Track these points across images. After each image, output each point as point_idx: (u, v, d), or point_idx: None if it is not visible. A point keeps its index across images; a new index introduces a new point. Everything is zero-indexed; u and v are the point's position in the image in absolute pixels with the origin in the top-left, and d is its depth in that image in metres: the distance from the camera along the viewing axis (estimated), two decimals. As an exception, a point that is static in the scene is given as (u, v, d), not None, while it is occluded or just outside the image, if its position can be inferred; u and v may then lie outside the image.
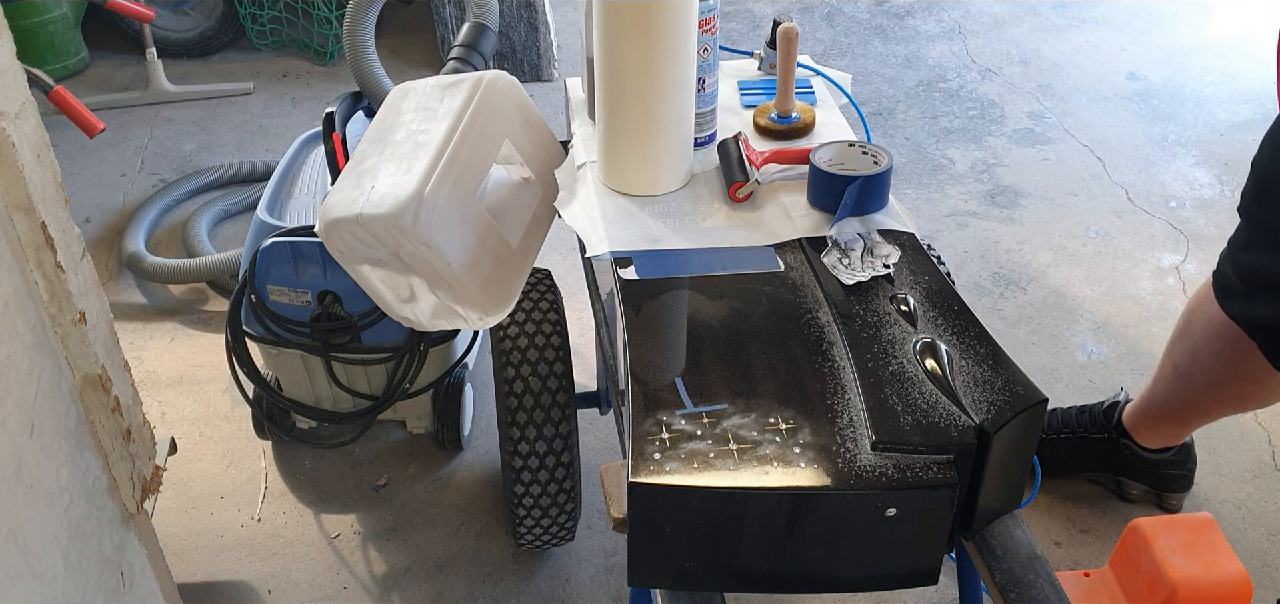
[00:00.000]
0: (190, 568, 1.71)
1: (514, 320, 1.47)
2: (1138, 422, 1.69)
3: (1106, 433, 1.73)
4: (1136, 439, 1.70)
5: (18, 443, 1.03)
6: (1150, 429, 1.68)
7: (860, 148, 1.27)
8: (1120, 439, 1.71)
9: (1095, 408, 1.75)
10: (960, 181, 2.74)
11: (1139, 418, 1.69)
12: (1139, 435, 1.69)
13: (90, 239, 2.59)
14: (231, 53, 3.67)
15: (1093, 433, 1.74)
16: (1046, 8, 3.77)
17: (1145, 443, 1.69)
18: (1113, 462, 1.73)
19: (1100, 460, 1.74)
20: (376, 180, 1.28)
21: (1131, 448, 1.70)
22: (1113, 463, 1.73)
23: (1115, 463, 1.73)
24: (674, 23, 1.20)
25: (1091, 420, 1.74)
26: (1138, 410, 1.69)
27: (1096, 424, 1.74)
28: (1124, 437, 1.71)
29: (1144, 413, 1.68)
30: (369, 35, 1.81)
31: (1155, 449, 1.70)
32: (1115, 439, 1.71)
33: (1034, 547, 1.03)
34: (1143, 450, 1.70)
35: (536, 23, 3.31)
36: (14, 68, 1.07)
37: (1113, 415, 1.73)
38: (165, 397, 2.07)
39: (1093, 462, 1.75)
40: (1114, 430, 1.72)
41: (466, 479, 1.86)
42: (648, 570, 0.94)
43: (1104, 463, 1.74)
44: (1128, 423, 1.70)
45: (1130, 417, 1.70)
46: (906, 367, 0.99)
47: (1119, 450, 1.72)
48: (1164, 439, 1.68)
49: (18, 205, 1.08)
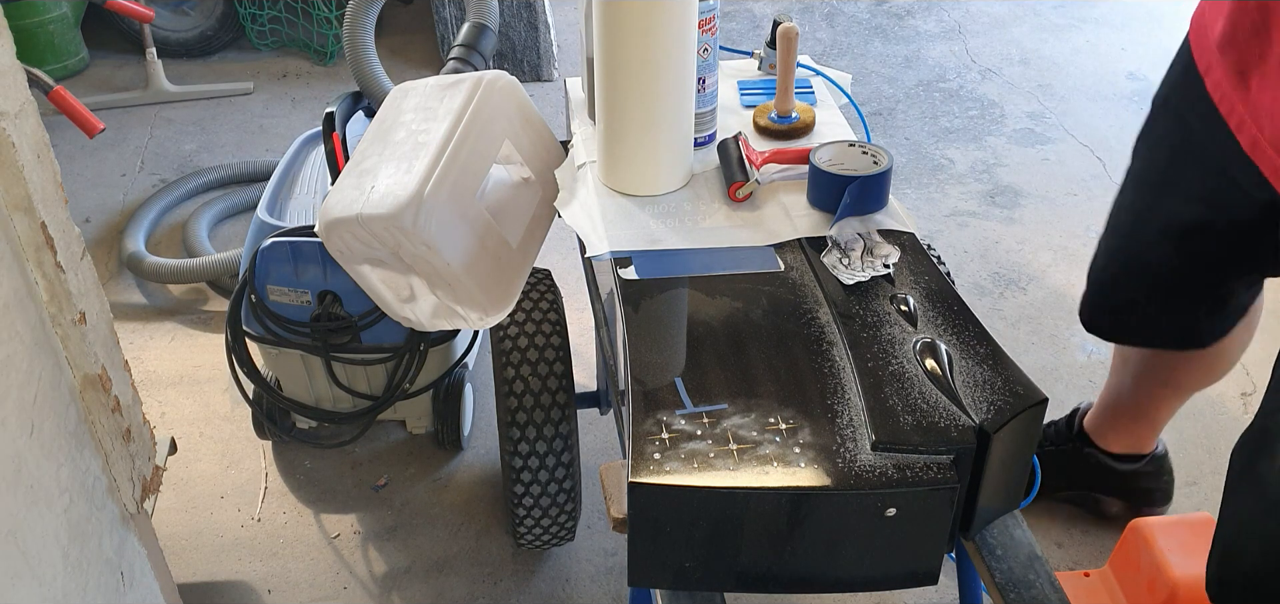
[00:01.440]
0: (190, 568, 1.71)
1: (514, 320, 1.47)
2: (1098, 423, 1.66)
3: (1069, 442, 1.69)
4: (1100, 443, 1.66)
5: (18, 443, 1.03)
6: (1111, 429, 1.65)
7: (860, 148, 1.27)
8: (1084, 447, 1.67)
9: (1057, 421, 1.73)
10: (960, 181, 2.74)
11: (1099, 419, 1.66)
12: (1102, 439, 1.66)
13: (90, 239, 2.59)
14: (231, 53, 3.67)
15: (1058, 445, 1.71)
16: (1046, 8, 3.77)
17: (1110, 446, 1.66)
18: (1083, 474, 1.69)
19: (1070, 474, 1.70)
20: (376, 180, 1.28)
21: (1097, 456, 1.67)
22: (1083, 475, 1.69)
23: (1085, 475, 1.69)
24: (674, 23, 1.20)
25: (1056, 434, 1.72)
26: (1096, 411, 1.67)
27: (1060, 436, 1.71)
28: (1088, 445, 1.67)
29: (1102, 411, 1.66)
30: (369, 35, 1.81)
31: (1123, 455, 1.66)
32: (1079, 447, 1.68)
33: (1034, 547, 1.03)
34: (1109, 457, 1.66)
35: (536, 23, 3.31)
36: (14, 68, 1.07)
37: (1074, 423, 1.70)
38: (165, 397, 2.07)
39: (1063, 477, 1.70)
40: (1076, 439, 1.69)
41: (466, 479, 1.86)
42: (648, 570, 0.94)
43: (1075, 477, 1.70)
44: (1090, 429, 1.67)
45: (1091, 421, 1.68)
46: (906, 367, 0.99)
47: (1085, 459, 1.68)
48: (1127, 440, 1.64)
49: (18, 205, 1.08)
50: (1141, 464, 1.66)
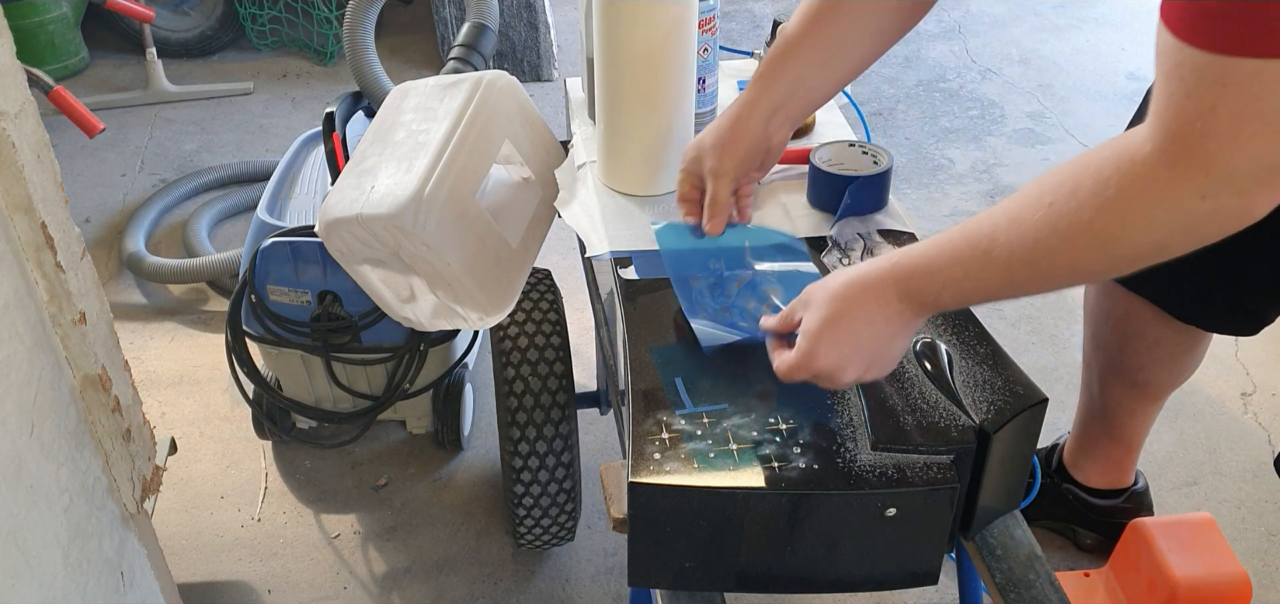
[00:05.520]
0: (190, 568, 1.71)
1: (514, 320, 1.47)
2: (1075, 455, 1.64)
3: (1048, 477, 1.67)
4: (1079, 477, 1.63)
5: (18, 443, 1.03)
6: (1088, 459, 1.62)
7: (860, 148, 1.27)
8: (1063, 483, 1.65)
9: (1038, 451, 1.70)
10: (960, 181, 2.74)
11: (1075, 450, 1.64)
12: (1080, 472, 1.63)
13: (90, 239, 2.59)
14: (231, 53, 3.67)
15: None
16: (1046, 8, 3.77)
17: (1088, 481, 1.63)
18: (1061, 508, 1.66)
19: (1049, 507, 1.67)
20: (376, 180, 1.28)
21: (1075, 492, 1.64)
22: (1061, 509, 1.66)
23: (1064, 510, 1.66)
24: (674, 22, 1.20)
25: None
26: (1073, 442, 1.64)
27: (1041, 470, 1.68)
28: (1066, 480, 1.65)
29: (1078, 441, 1.63)
30: (369, 35, 1.81)
31: (1101, 491, 1.63)
32: (1058, 483, 1.65)
33: (1034, 547, 1.03)
34: (1087, 492, 1.63)
35: (536, 23, 3.31)
36: (14, 68, 1.07)
37: (1052, 459, 1.68)
38: (165, 397, 2.07)
39: (1042, 509, 1.67)
40: (1055, 474, 1.66)
41: (466, 479, 1.86)
42: (648, 570, 0.94)
43: (1053, 510, 1.67)
44: (1068, 462, 1.65)
45: (1069, 453, 1.65)
46: (906, 367, 0.99)
47: (1063, 495, 1.65)
48: (1104, 472, 1.61)
49: (18, 205, 1.08)
50: (1120, 500, 1.63)
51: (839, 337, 0.87)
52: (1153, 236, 0.72)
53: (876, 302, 0.87)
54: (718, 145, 1.08)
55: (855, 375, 0.88)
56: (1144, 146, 0.70)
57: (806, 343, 0.89)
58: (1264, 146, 0.65)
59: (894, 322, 0.87)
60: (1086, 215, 0.73)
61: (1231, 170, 0.66)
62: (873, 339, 0.87)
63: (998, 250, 0.79)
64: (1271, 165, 0.66)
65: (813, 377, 0.89)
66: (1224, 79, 0.64)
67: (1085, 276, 0.77)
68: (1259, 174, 0.66)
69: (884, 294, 0.87)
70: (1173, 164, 0.68)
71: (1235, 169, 0.66)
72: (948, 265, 0.83)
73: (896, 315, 0.87)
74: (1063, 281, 0.78)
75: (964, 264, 0.82)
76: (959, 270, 0.82)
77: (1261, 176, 0.66)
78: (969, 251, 0.81)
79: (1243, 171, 0.66)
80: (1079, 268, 0.76)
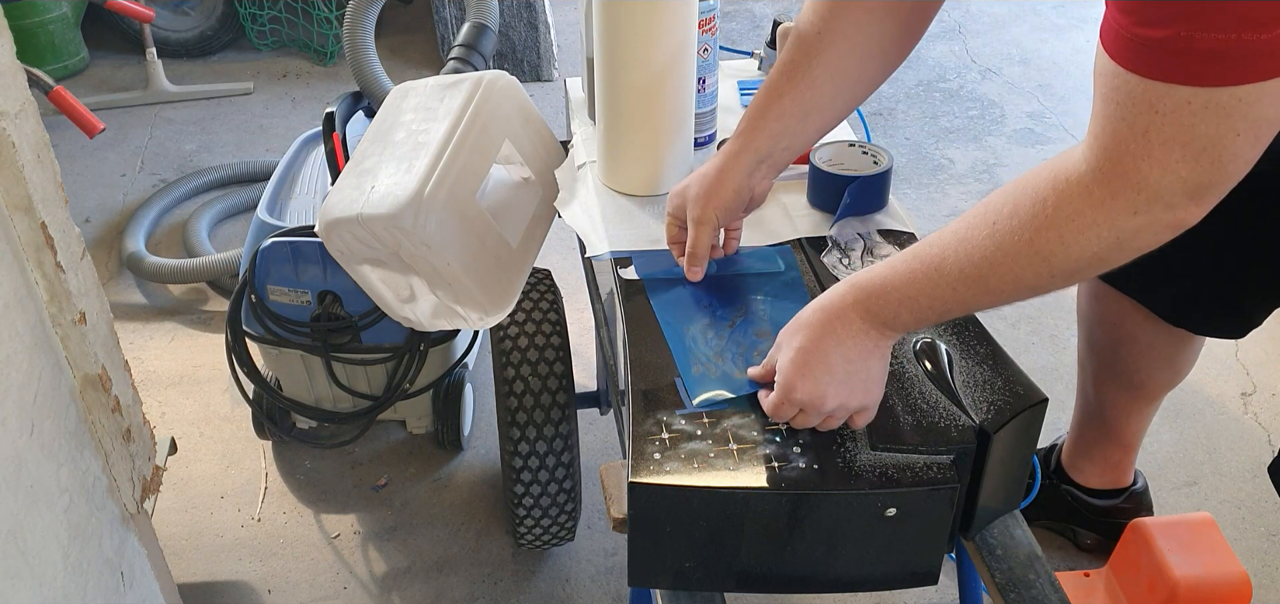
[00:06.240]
0: (190, 568, 1.71)
1: (514, 320, 1.47)
2: (1073, 456, 1.64)
3: (1046, 478, 1.67)
4: (1077, 478, 1.64)
5: (18, 443, 1.03)
6: (1086, 460, 1.63)
7: (860, 148, 1.27)
8: (1061, 484, 1.66)
9: (1037, 451, 1.69)
10: (960, 181, 2.74)
11: (1073, 451, 1.64)
12: (1078, 473, 1.64)
13: (90, 239, 2.59)
14: (231, 53, 3.68)
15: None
16: (1046, 8, 3.77)
17: (1086, 481, 1.63)
18: (1060, 510, 1.67)
19: (1048, 508, 1.68)
20: (376, 180, 1.28)
21: (1074, 493, 1.64)
22: (1060, 511, 1.67)
23: (1063, 511, 1.67)
24: (674, 23, 1.20)
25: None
26: (1070, 444, 1.65)
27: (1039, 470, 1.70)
28: (1064, 481, 1.65)
29: (1075, 442, 1.63)
30: (369, 35, 1.81)
31: (1100, 491, 1.63)
32: (1056, 485, 1.66)
33: (1034, 547, 1.03)
34: (1086, 493, 1.64)
35: (536, 23, 3.31)
36: (14, 68, 1.07)
37: (1051, 460, 1.68)
38: (165, 397, 2.07)
39: (1041, 510, 1.68)
40: (1053, 476, 1.67)
41: (466, 479, 1.86)
42: (648, 570, 0.94)
43: (1052, 511, 1.68)
44: (1066, 463, 1.65)
45: (1067, 454, 1.65)
46: (906, 366, 0.99)
47: (1062, 497, 1.66)
48: (1103, 472, 1.62)
49: (18, 205, 1.08)
50: (1119, 500, 1.63)
51: (812, 364, 0.89)
52: (1090, 251, 0.75)
53: (841, 324, 0.90)
54: (702, 196, 1.09)
55: (837, 401, 0.90)
56: (1079, 167, 0.74)
57: (783, 378, 0.91)
58: (1192, 171, 0.68)
59: (862, 341, 0.89)
60: (1027, 234, 0.77)
61: (1161, 190, 0.70)
62: (844, 360, 0.89)
63: (948, 269, 0.83)
64: (1199, 185, 0.69)
65: (798, 409, 0.91)
66: (1157, 105, 0.67)
67: (1031, 290, 0.81)
68: (1188, 192, 0.70)
69: (847, 315, 0.90)
70: (1107, 183, 0.72)
71: (1165, 189, 0.70)
72: (903, 284, 0.86)
73: (863, 334, 0.89)
74: (1010, 296, 0.82)
75: (918, 283, 0.85)
76: (913, 289, 0.86)
77: (1191, 194, 0.70)
78: (922, 271, 0.85)
79: (1172, 191, 0.70)
80: (1024, 282, 0.80)
